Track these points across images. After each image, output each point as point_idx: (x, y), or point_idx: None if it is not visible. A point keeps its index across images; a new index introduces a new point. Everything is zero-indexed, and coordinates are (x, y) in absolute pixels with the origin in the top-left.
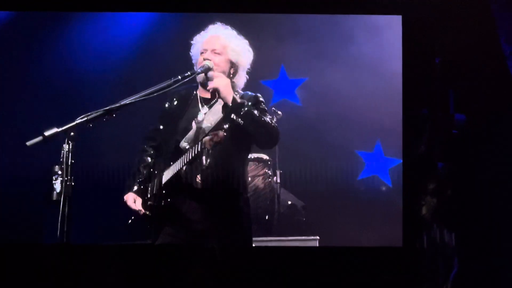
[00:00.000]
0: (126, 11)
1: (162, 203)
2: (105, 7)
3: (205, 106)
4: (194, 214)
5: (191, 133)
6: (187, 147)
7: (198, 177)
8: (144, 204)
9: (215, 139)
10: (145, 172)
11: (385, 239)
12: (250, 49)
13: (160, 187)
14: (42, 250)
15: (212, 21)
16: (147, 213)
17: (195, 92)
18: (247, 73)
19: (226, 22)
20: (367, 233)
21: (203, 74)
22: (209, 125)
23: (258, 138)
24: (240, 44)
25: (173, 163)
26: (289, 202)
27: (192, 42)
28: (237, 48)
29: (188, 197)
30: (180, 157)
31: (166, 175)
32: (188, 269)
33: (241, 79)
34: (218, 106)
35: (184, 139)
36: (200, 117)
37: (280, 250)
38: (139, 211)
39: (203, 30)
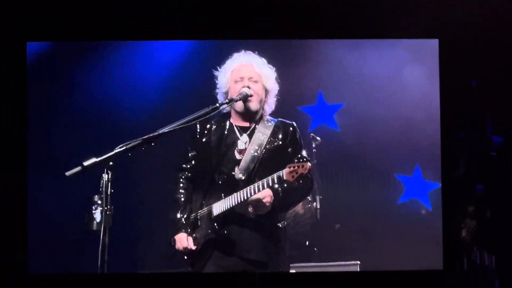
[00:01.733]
0: (164, 40)
1: (214, 236)
2: (143, 36)
3: (244, 134)
4: (247, 244)
5: (243, 164)
6: (243, 178)
7: (250, 207)
8: (194, 241)
9: (300, 170)
10: (187, 205)
11: (425, 262)
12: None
13: (211, 219)
14: (82, 279)
15: (238, 49)
16: (194, 248)
17: (229, 121)
18: (283, 99)
19: (262, 49)
20: (407, 256)
21: (241, 102)
22: (256, 154)
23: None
24: (271, 72)
25: (225, 193)
26: (337, 226)
27: (217, 71)
28: (270, 76)
29: (240, 226)
30: (238, 188)
31: (219, 207)
32: None
33: (272, 104)
34: (259, 134)
35: (238, 170)
36: (240, 145)
37: (321, 276)
38: (190, 249)
39: (228, 58)
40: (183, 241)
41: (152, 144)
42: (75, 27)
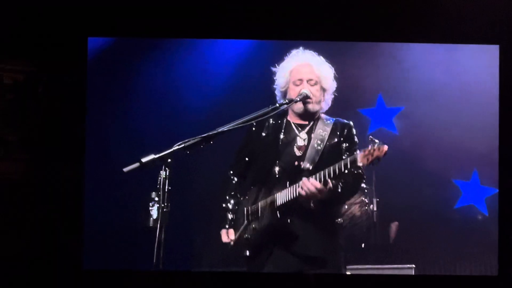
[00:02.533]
0: (225, 38)
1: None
2: (204, 34)
3: (302, 131)
4: (306, 238)
5: (308, 156)
6: (310, 168)
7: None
8: (254, 231)
9: (377, 153)
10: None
11: (480, 268)
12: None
13: (273, 208)
14: (137, 276)
15: (296, 46)
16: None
17: (286, 119)
18: (344, 101)
19: (323, 50)
20: (462, 261)
21: (300, 103)
22: (320, 148)
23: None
24: (329, 71)
25: (288, 184)
26: (392, 229)
27: (276, 68)
28: (328, 76)
29: (301, 218)
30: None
31: (283, 196)
32: None
33: (329, 101)
34: (319, 130)
35: (305, 161)
36: (299, 142)
37: (376, 278)
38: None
39: (286, 56)
40: (230, 235)
41: (211, 142)
42: (136, 23)
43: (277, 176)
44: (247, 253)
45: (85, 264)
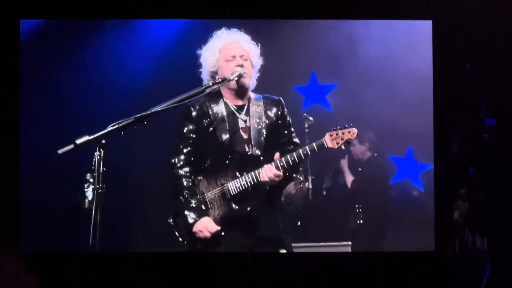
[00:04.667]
0: (156, 18)
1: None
2: (136, 15)
3: (241, 113)
4: (261, 220)
5: (254, 140)
6: (260, 153)
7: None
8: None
9: (347, 136)
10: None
11: (417, 244)
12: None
13: (227, 199)
14: (73, 258)
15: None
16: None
17: (223, 101)
18: (277, 79)
19: (252, 28)
20: (399, 238)
21: (234, 82)
22: (260, 127)
23: None
24: (256, 48)
25: (239, 172)
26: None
27: (200, 51)
28: (255, 53)
29: (256, 202)
30: (252, 164)
31: (235, 186)
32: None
33: (255, 80)
34: (254, 107)
35: (252, 147)
36: (241, 124)
37: (312, 256)
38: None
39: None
40: (212, 225)
41: (145, 122)
42: (68, 5)
43: (227, 162)
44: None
45: (21, 246)
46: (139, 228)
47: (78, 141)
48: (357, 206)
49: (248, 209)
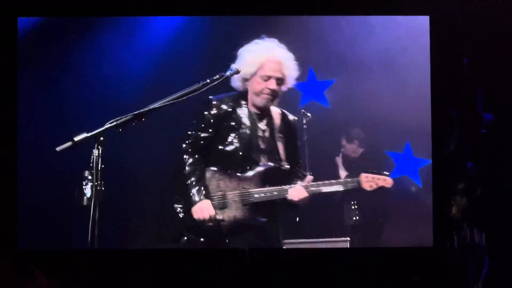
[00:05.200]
0: (154, 16)
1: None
2: (133, 12)
3: (262, 122)
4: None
5: (282, 153)
6: (288, 168)
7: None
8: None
9: (381, 183)
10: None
11: (415, 239)
12: None
13: (246, 204)
14: (72, 255)
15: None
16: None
17: (247, 108)
18: None
19: (250, 24)
20: (397, 233)
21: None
22: (280, 141)
23: None
24: (295, 69)
25: (267, 182)
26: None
27: (240, 51)
28: (294, 75)
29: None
30: (280, 176)
31: (259, 194)
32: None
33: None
34: (273, 119)
35: (282, 161)
36: (260, 132)
37: (310, 252)
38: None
39: (252, 41)
40: (210, 208)
41: (143, 119)
42: (65, 3)
43: (248, 168)
44: (202, 239)
45: (19, 244)
46: (137, 225)
47: (76, 138)
48: (352, 202)
49: (263, 220)
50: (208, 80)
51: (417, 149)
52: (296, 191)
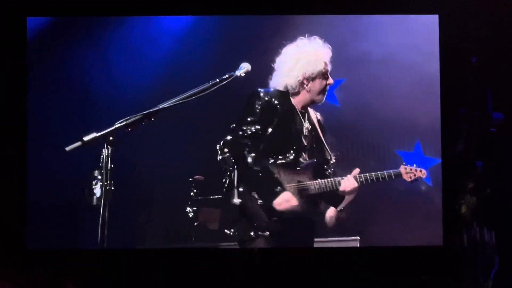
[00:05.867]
0: (164, 15)
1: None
2: (144, 11)
3: (307, 121)
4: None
5: (327, 147)
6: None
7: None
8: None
9: (418, 174)
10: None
11: (425, 238)
12: None
13: (303, 196)
14: (81, 255)
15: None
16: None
17: (292, 103)
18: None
19: (260, 23)
20: (407, 232)
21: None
22: (318, 139)
23: None
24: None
25: (316, 175)
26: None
27: (285, 51)
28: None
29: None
30: (322, 171)
31: (315, 186)
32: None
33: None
34: (312, 117)
35: (331, 155)
36: (305, 131)
37: (320, 251)
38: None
39: (298, 39)
40: (293, 199)
41: (152, 119)
42: (75, 2)
43: (300, 164)
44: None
45: (29, 244)
46: (147, 224)
47: (86, 138)
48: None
49: (317, 210)
50: (217, 80)
51: (427, 148)
52: (349, 182)
